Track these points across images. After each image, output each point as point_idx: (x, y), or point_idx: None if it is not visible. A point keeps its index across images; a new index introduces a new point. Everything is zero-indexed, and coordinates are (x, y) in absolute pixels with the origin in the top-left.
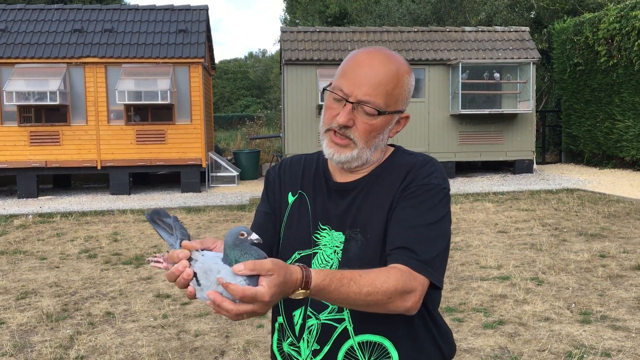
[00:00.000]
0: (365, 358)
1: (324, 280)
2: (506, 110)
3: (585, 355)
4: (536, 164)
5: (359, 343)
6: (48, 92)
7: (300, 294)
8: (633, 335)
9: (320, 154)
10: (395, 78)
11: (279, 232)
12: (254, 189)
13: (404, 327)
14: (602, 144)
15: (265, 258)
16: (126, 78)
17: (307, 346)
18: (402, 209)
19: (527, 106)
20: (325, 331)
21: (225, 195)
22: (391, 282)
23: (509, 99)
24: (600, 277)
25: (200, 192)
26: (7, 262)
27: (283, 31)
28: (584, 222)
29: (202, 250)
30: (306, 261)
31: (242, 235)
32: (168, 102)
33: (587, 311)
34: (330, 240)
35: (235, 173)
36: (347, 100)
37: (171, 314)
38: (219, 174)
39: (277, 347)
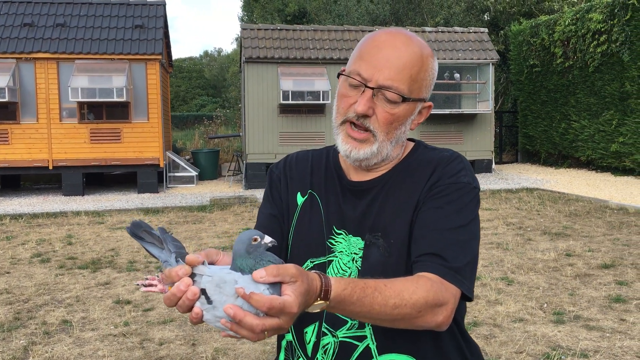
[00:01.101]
0: None
1: (345, 290)
2: (466, 110)
3: (563, 357)
4: (494, 163)
5: None
6: None
7: (318, 305)
8: (608, 335)
9: (329, 149)
10: (419, 61)
11: (287, 237)
12: (214, 189)
13: (432, 344)
14: (557, 144)
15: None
16: (79, 74)
17: None
18: (429, 211)
19: (486, 106)
20: (344, 350)
21: (184, 195)
22: (421, 293)
23: (468, 100)
24: (568, 277)
25: (158, 192)
26: None
27: (243, 28)
28: (547, 221)
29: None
30: (320, 270)
31: (255, 240)
32: (124, 99)
33: (560, 311)
34: (347, 246)
35: (194, 173)
36: (366, 86)
37: (133, 321)
38: (177, 174)
39: None
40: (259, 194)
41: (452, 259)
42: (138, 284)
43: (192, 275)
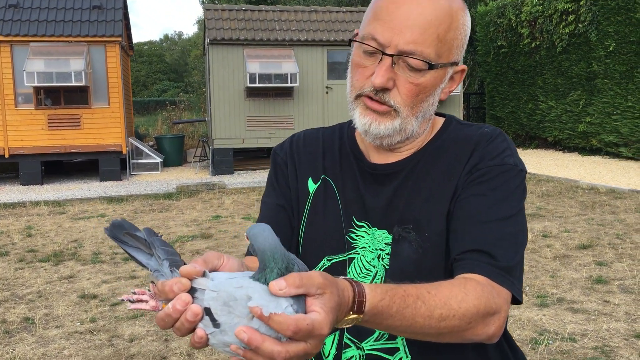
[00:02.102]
0: None
1: (383, 301)
2: None
3: (550, 342)
4: None
5: None
6: None
7: (349, 320)
8: (593, 317)
9: (342, 126)
10: (448, 16)
11: (297, 231)
12: (180, 176)
13: (475, 355)
14: (525, 125)
15: (307, 270)
16: (35, 58)
17: None
18: (470, 199)
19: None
20: None
21: (149, 183)
22: (471, 300)
23: None
24: (548, 258)
25: (121, 180)
26: None
27: (207, 9)
28: None
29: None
30: (339, 271)
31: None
32: (83, 84)
33: (543, 294)
34: (371, 241)
35: (158, 159)
36: (383, 53)
37: (100, 316)
38: (140, 161)
39: None
40: (227, 180)
41: (501, 256)
42: (124, 300)
43: (192, 290)
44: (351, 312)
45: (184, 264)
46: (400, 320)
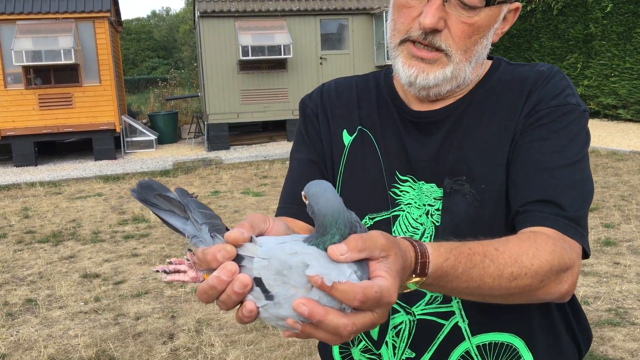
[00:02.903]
0: None
1: (448, 261)
2: None
3: None
4: None
5: (477, 346)
6: None
7: (412, 284)
8: (604, 280)
9: (376, 74)
10: None
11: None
12: (176, 153)
13: (540, 317)
14: None
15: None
16: (22, 37)
17: (395, 354)
18: (532, 144)
19: None
20: (425, 331)
21: (145, 161)
22: (543, 256)
23: None
24: None
25: (116, 159)
26: None
27: None
28: None
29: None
30: (384, 230)
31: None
32: (72, 61)
33: None
34: (418, 196)
35: (152, 137)
36: None
37: (104, 295)
38: (134, 139)
39: (342, 355)
40: (223, 155)
41: (569, 206)
42: (158, 271)
43: (238, 258)
44: (413, 275)
45: (227, 228)
46: (467, 281)
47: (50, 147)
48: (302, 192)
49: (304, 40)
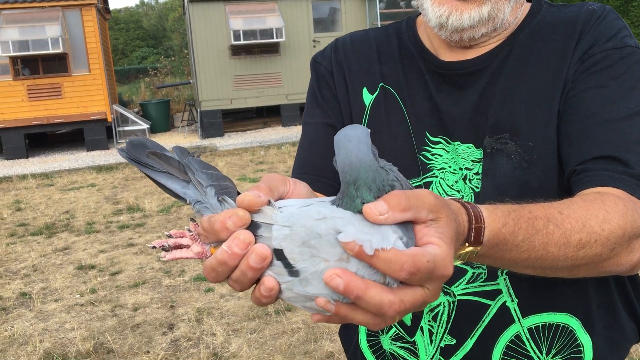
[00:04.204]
0: (542, 353)
1: (506, 226)
2: None
3: None
4: None
5: (529, 329)
6: None
7: (464, 254)
8: None
9: (396, 25)
10: None
11: None
12: (169, 141)
13: (598, 293)
14: None
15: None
16: (8, 26)
17: (432, 341)
18: (587, 93)
19: None
20: (467, 314)
21: None
22: (615, 220)
23: None
24: None
25: (109, 149)
26: None
27: None
28: None
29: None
30: None
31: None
32: (60, 50)
33: None
34: (453, 160)
35: (145, 126)
36: None
37: (100, 287)
38: (127, 128)
39: (370, 343)
40: (217, 142)
41: (636, 163)
42: (156, 247)
43: (254, 227)
44: (466, 244)
45: (238, 192)
46: (528, 251)
47: (41, 138)
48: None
49: (296, 24)
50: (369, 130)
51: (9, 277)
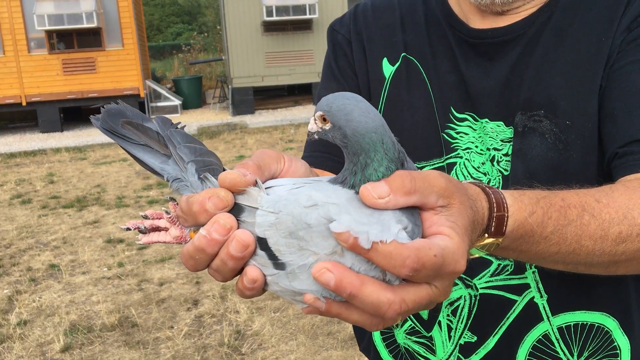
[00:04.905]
0: (572, 355)
1: (534, 215)
2: None
3: None
4: None
5: (559, 328)
6: None
7: (483, 246)
8: None
9: None
10: None
11: None
12: (200, 118)
13: (636, 292)
14: None
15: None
16: (44, 0)
17: (450, 337)
18: (634, 65)
19: None
20: (490, 309)
21: None
22: None
23: None
24: None
25: None
26: None
27: None
28: None
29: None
30: None
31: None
32: (95, 25)
33: None
34: (480, 139)
35: (177, 102)
36: None
37: (127, 261)
38: (159, 104)
39: (383, 336)
40: (248, 120)
41: None
42: (130, 228)
43: (237, 210)
44: (486, 235)
45: (224, 169)
46: (558, 244)
47: (76, 113)
48: (319, 112)
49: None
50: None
51: (39, 248)
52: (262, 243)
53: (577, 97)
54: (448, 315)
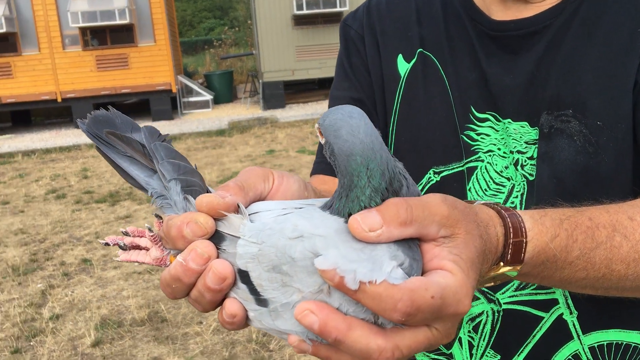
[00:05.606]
0: None
1: (557, 238)
2: None
3: None
4: None
5: (591, 347)
6: None
7: (498, 276)
8: None
9: None
10: None
11: (385, 134)
12: (231, 112)
13: None
14: None
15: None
16: None
17: (472, 355)
18: None
19: None
20: (515, 326)
21: (201, 121)
22: None
23: None
24: None
25: (173, 119)
26: None
27: None
28: None
29: (246, 208)
30: (454, 189)
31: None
32: (127, 21)
33: None
34: (503, 141)
35: (209, 97)
36: None
37: None
38: (191, 99)
39: None
40: (278, 114)
41: None
42: (109, 244)
43: (218, 237)
44: (501, 264)
45: (207, 190)
46: (586, 269)
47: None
48: (316, 125)
49: None
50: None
51: (72, 243)
52: (243, 276)
53: (608, 94)
54: (469, 331)
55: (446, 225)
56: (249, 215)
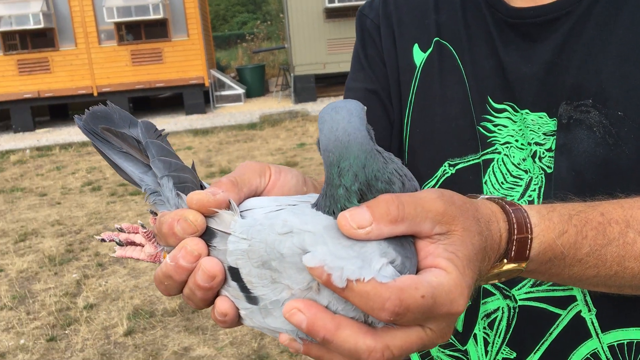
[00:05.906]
0: None
1: (565, 234)
2: None
3: None
4: None
5: (610, 346)
6: (30, 15)
7: (503, 273)
8: None
9: None
10: None
11: (400, 125)
12: (263, 106)
13: None
14: None
15: (415, 183)
16: None
17: (487, 352)
18: None
19: None
20: (531, 323)
21: (233, 114)
22: None
23: None
24: None
25: (206, 113)
26: (4, 202)
27: None
28: None
29: (240, 204)
30: (470, 182)
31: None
32: (161, 16)
33: None
34: (521, 132)
35: (241, 90)
36: None
37: None
38: (223, 93)
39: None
40: (309, 107)
41: None
42: (105, 240)
43: (209, 234)
44: (504, 261)
45: (201, 186)
46: (596, 267)
47: (144, 102)
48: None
49: None
50: (365, 107)
51: None
52: (233, 273)
53: (631, 84)
54: (485, 328)
55: (442, 222)
56: (242, 211)
